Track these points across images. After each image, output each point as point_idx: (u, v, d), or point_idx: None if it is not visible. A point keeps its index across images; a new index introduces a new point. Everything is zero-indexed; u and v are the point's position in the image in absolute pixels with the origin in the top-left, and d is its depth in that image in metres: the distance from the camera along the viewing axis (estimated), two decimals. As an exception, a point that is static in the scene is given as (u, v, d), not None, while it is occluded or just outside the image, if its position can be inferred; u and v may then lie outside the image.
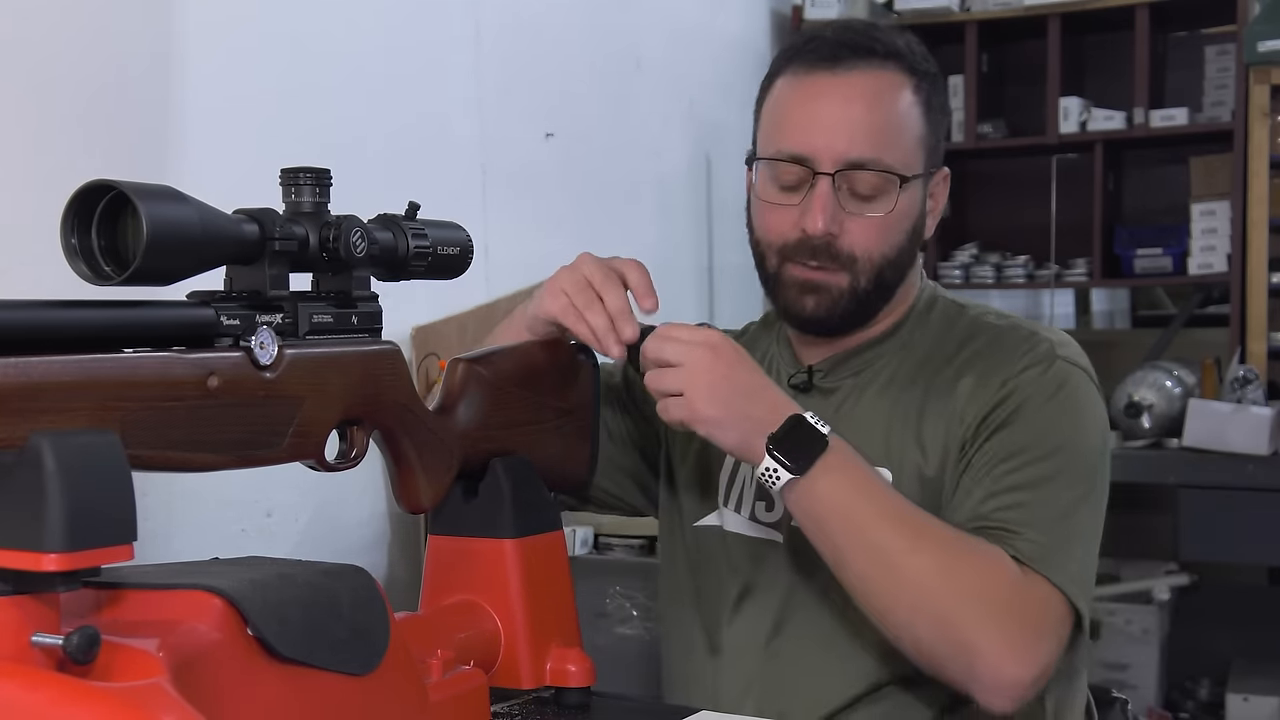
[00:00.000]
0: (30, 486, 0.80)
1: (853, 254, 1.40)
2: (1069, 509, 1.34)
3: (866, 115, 1.38)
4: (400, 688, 1.05)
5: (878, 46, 1.41)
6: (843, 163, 1.37)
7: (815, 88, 1.40)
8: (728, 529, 1.51)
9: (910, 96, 1.41)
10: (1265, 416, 3.61)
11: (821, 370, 1.49)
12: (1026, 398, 1.37)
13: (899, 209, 1.40)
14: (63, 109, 2.06)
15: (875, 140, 1.38)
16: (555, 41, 3.35)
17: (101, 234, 0.94)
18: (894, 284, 1.45)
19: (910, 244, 1.44)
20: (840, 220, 1.39)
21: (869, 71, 1.39)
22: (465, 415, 1.24)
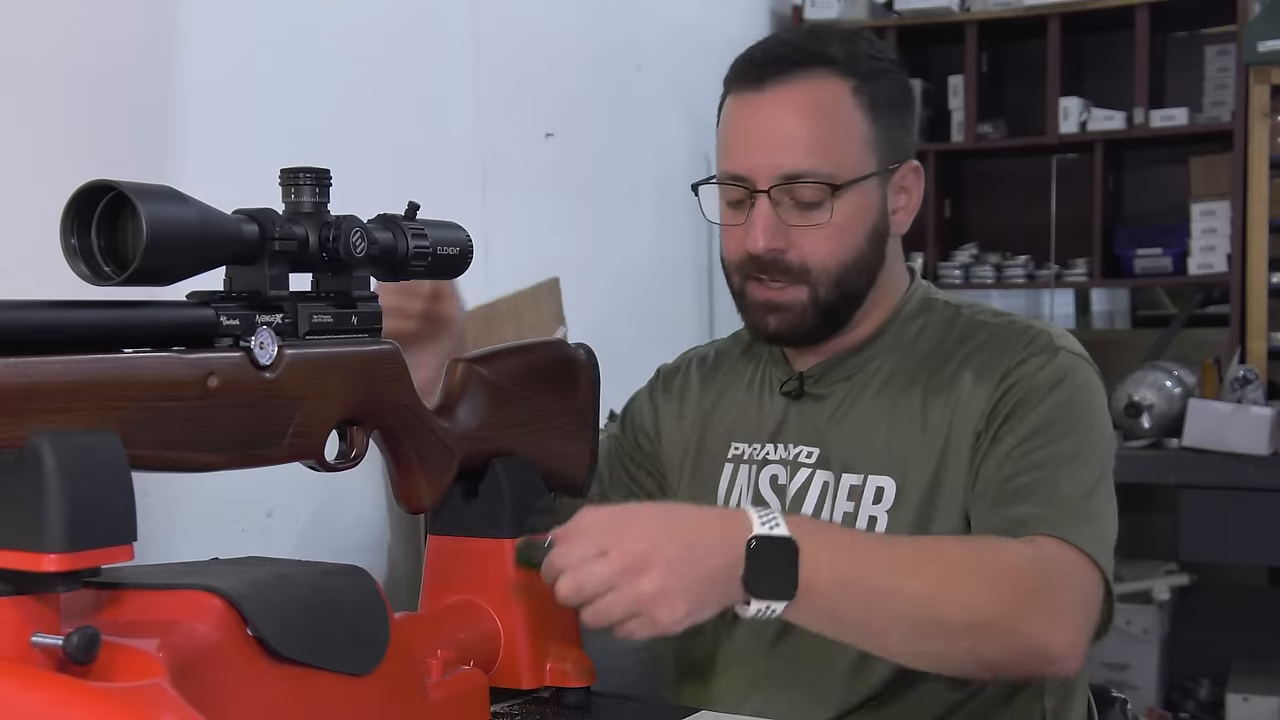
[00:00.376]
0: (30, 487, 0.80)
1: (805, 265, 1.39)
2: (1091, 487, 1.33)
3: (799, 127, 1.38)
4: (400, 688, 1.05)
5: (806, 56, 1.40)
6: (777, 178, 1.37)
7: (747, 106, 1.40)
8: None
9: (849, 99, 1.39)
10: (1265, 416, 3.61)
11: (813, 376, 1.49)
12: (1034, 386, 1.37)
13: (842, 215, 1.38)
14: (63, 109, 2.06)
15: (809, 150, 1.37)
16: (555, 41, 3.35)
17: (101, 234, 0.94)
18: (861, 289, 1.43)
19: (871, 246, 1.42)
20: (786, 234, 1.38)
21: (798, 82, 1.39)
22: (465, 415, 1.24)
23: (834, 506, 1.42)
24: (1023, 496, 1.31)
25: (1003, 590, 1.21)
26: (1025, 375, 1.38)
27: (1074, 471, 1.33)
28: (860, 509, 1.40)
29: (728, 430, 1.54)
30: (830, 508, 1.42)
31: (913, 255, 4.52)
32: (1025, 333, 1.42)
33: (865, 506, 1.40)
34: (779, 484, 1.47)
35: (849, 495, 1.42)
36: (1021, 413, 1.36)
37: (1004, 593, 1.21)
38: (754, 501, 1.48)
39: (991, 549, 1.26)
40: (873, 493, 1.41)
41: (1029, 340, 1.41)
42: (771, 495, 1.47)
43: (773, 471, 1.48)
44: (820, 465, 1.45)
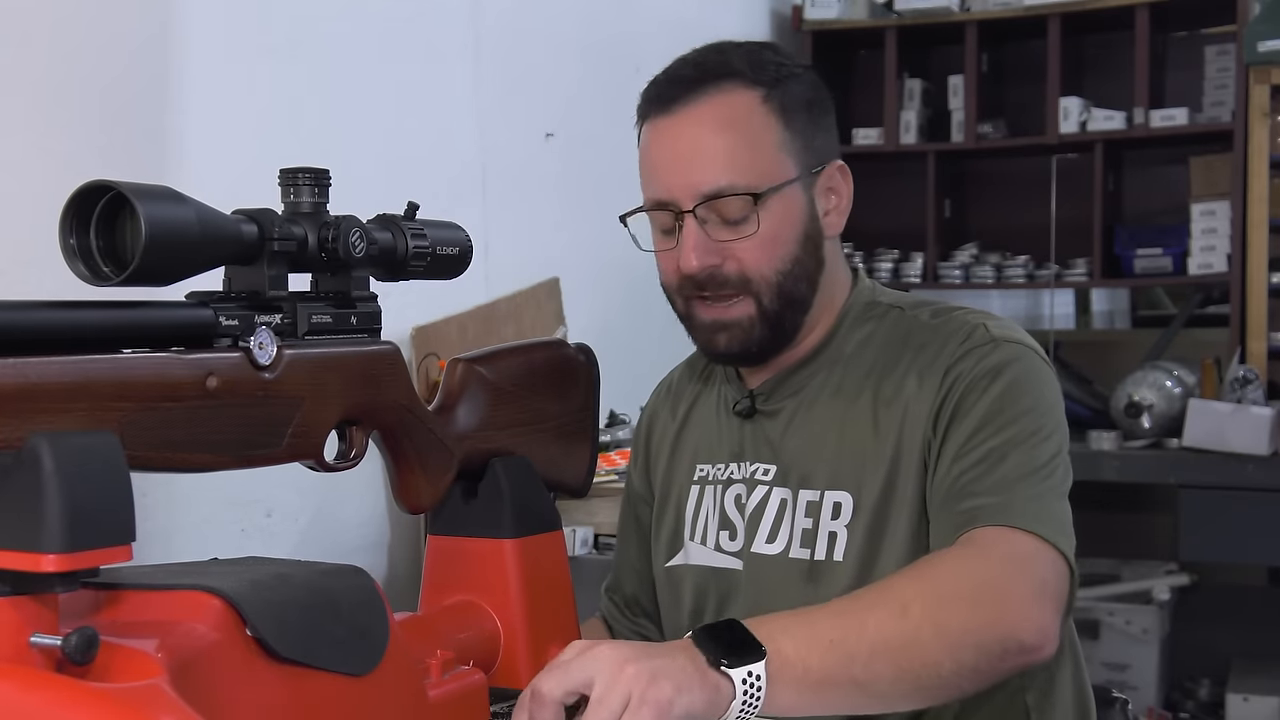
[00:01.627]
0: (29, 487, 0.80)
1: (745, 276, 1.39)
2: (1037, 467, 1.31)
3: (713, 143, 1.37)
4: (400, 688, 1.05)
5: (708, 73, 1.40)
6: (699, 196, 1.37)
7: (661, 131, 1.41)
8: (692, 563, 1.51)
9: (759, 107, 1.38)
10: (1265, 416, 3.61)
11: (763, 394, 1.48)
12: (973, 381, 1.35)
13: (773, 220, 1.38)
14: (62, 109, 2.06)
15: (726, 165, 1.37)
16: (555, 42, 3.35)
17: (100, 234, 0.94)
18: (804, 295, 1.42)
19: (806, 251, 1.41)
20: (717, 250, 1.38)
21: (706, 99, 1.38)
22: (465, 415, 1.24)
23: (793, 522, 1.42)
24: (970, 492, 1.30)
25: (958, 600, 1.19)
26: (964, 372, 1.37)
27: (1021, 455, 1.31)
28: (820, 525, 1.40)
29: (693, 454, 1.55)
30: (790, 524, 1.43)
31: (912, 255, 4.53)
32: (963, 329, 1.41)
33: (824, 523, 1.40)
34: (741, 503, 1.47)
35: (807, 511, 1.42)
36: (964, 410, 1.35)
37: (960, 602, 1.18)
38: (720, 523, 1.48)
39: (931, 565, 1.24)
40: (830, 508, 1.40)
41: (966, 335, 1.40)
42: (736, 515, 1.48)
43: (736, 491, 1.48)
44: (778, 482, 1.45)
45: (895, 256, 4.55)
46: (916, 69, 4.62)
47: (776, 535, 1.43)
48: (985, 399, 1.34)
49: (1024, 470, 1.30)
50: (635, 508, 1.64)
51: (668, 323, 1.54)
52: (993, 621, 1.18)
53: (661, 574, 1.56)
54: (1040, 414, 1.35)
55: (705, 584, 1.49)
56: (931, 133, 4.56)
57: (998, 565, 1.23)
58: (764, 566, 1.44)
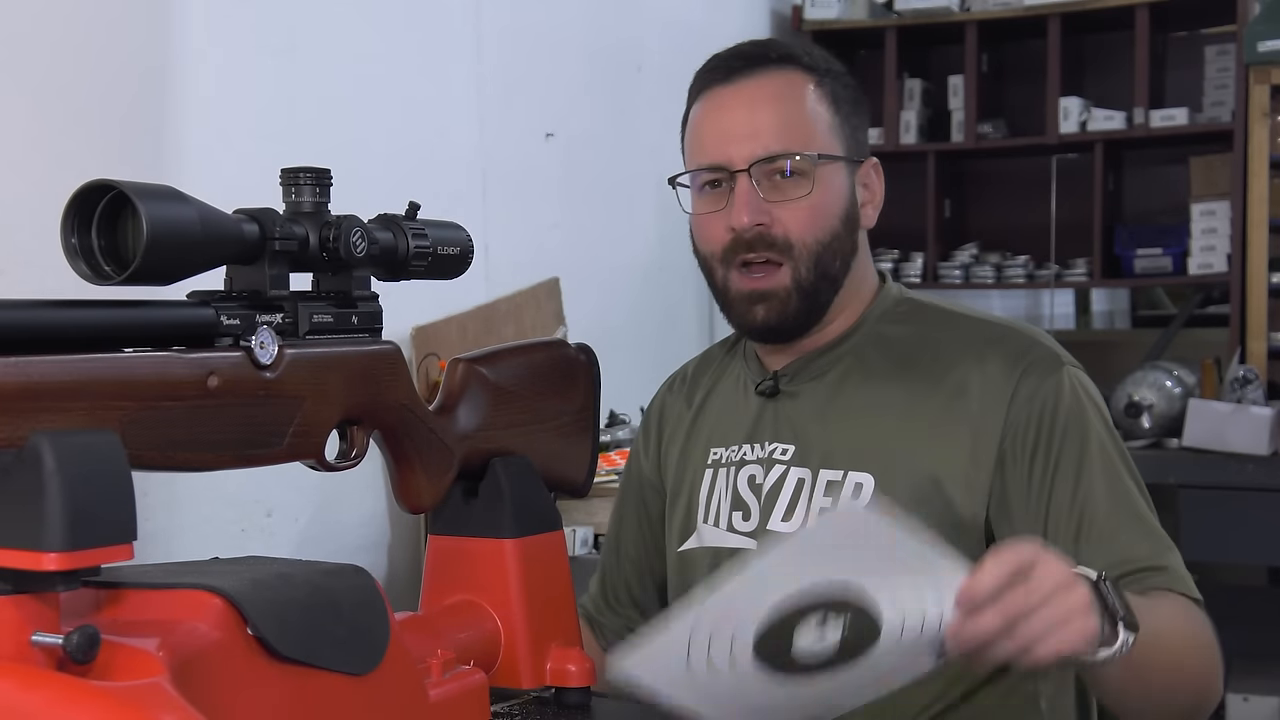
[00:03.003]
0: (30, 486, 0.80)
1: (788, 240, 1.43)
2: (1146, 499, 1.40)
3: (770, 113, 1.44)
4: (400, 688, 1.05)
5: (771, 53, 1.48)
6: (754, 158, 1.42)
7: (719, 101, 1.47)
8: (706, 544, 1.52)
9: (813, 91, 1.46)
10: (1265, 416, 3.61)
11: (786, 375, 1.50)
12: (1065, 424, 1.39)
13: (821, 190, 1.43)
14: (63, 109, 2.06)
15: (783, 134, 1.43)
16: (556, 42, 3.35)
17: (101, 234, 0.94)
18: (838, 275, 1.46)
19: (846, 232, 1.46)
20: (767, 210, 1.42)
21: (766, 76, 1.46)
22: (465, 415, 1.24)
23: (811, 502, 1.43)
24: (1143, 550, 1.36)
25: (1209, 655, 1.34)
26: (1045, 406, 1.39)
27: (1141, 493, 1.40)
28: (839, 505, 1.41)
29: (707, 440, 1.56)
30: (806, 504, 1.44)
31: (912, 255, 4.53)
32: (1025, 348, 1.43)
33: (844, 503, 1.41)
34: (756, 483, 1.48)
35: (826, 490, 1.43)
36: (1072, 454, 1.38)
37: (1210, 657, 1.34)
38: (733, 504, 1.49)
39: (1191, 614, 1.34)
40: (851, 488, 1.42)
41: (1031, 360, 1.42)
42: (750, 495, 1.48)
43: (750, 471, 1.49)
44: (796, 462, 1.46)
45: (895, 256, 4.55)
46: (916, 69, 4.62)
47: (793, 514, 1.44)
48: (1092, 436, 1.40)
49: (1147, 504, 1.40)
50: (643, 493, 1.64)
51: (667, 323, 1.54)
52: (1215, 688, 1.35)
53: (674, 559, 1.56)
54: (1117, 443, 1.44)
55: (717, 565, 1.49)
56: (931, 133, 4.56)
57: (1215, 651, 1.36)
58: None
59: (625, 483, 1.68)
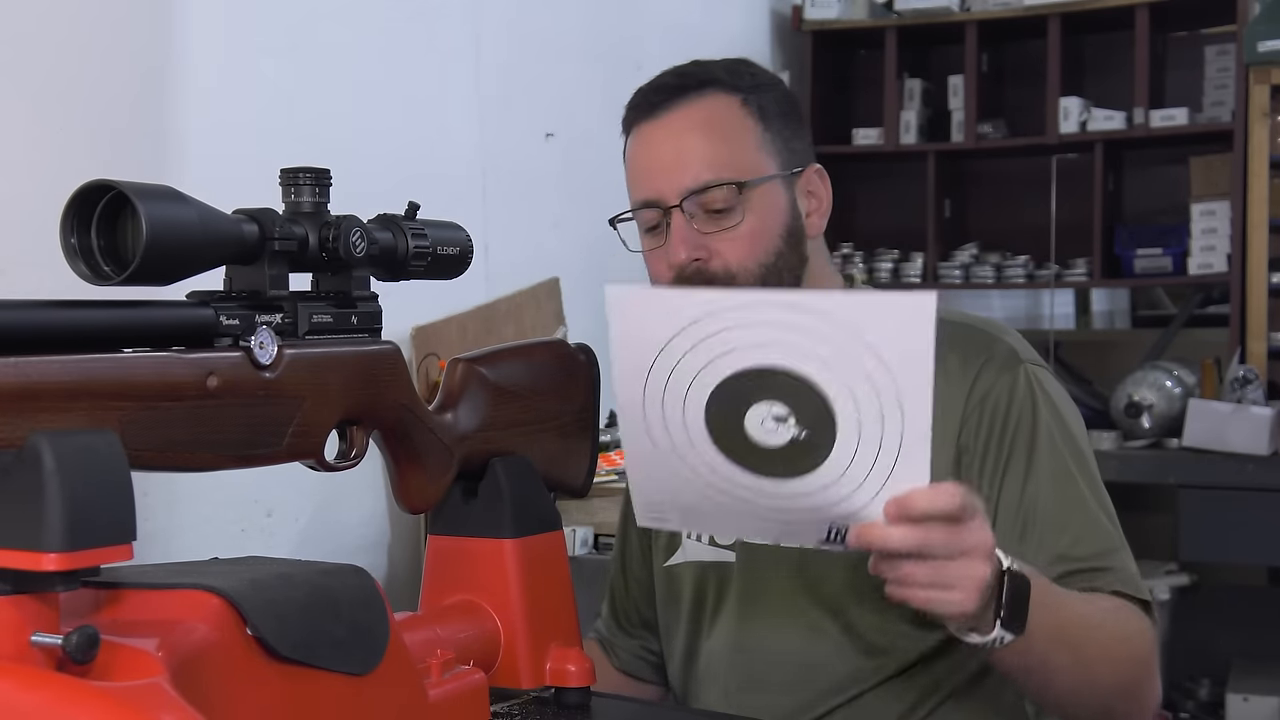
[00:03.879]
0: (29, 486, 0.80)
1: (729, 271, 1.41)
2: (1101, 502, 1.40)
3: (695, 142, 1.42)
4: (400, 688, 1.05)
5: (690, 81, 1.45)
6: (683, 192, 1.41)
7: (644, 136, 1.46)
8: (689, 559, 1.53)
9: (738, 110, 1.44)
10: (1265, 416, 3.61)
11: None
12: (1018, 411, 1.39)
13: (757, 214, 1.42)
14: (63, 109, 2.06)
15: (710, 162, 1.41)
16: (555, 42, 3.35)
17: (101, 234, 0.94)
18: None
19: (789, 248, 1.44)
20: (703, 244, 1.41)
21: (688, 105, 1.44)
22: (465, 415, 1.24)
23: None
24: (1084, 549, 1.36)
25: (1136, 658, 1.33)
26: (999, 403, 1.40)
27: (1095, 498, 1.39)
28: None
29: None
30: None
31: (912, 255, 4.53)
32: (983, 339, 1.44)
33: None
34: None
35: None
36: (1022, 451, 1.38)
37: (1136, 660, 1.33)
38: None
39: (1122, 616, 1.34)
40: None
41: (988, 356, 1.42)
42: None
43: None
44: None
45: (895, 256, 4.55)
46: (916, 69, 4.62)
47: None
48: (1040, 432, 1.39)
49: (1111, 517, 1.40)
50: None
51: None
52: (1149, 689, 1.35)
53: (661, 574, 1.57)
54: (1082, 437, 1.43)
55: (702, 578, 1.51)
56: (931, 133, 4.56)
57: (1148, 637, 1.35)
58: (756, 556, 1.45)
59: (626, 502, 1.68)
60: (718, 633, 1.49)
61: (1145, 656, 1.34)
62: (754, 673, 1.46)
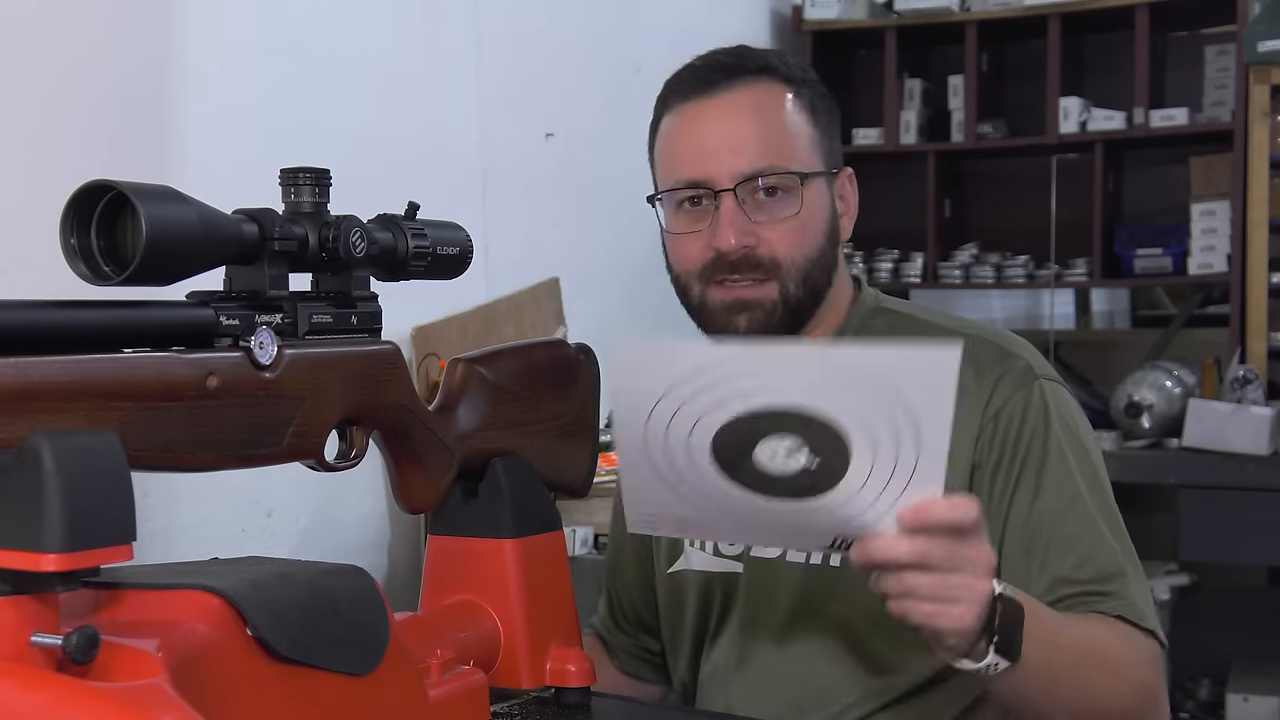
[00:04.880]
0: (29, 487, 0.80)
1: (775, 260, 1.39)
2: (1113, 524, 1.37)
3: (752, 127, 1.39)
4: (400, 688, 1.05)
5: (749, 64, 1.43)
6: (739, 176, 1.38)
7: (697, 114, 1.42)
8: (694, 568, 1.51)
9: (792, 102, 1.42)
10: (1265, 416, 3.61)
11: None
12: (1032, 428, 1.37)
13: (807, 209, 1.40)
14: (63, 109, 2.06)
15: (766, 148, 1.39)
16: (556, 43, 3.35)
17: (101, 234, 0.94)
18: (823, 288, 1.43)
19: (829, 245, 1.43)
20: (753, 231, 1.39)
21: (744, 87, 1.41)
22: (465, 415, 1.24)
23: None
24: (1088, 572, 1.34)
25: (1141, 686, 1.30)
26: (1013, 419, 1.37)
27: (1103, 522, 1.36)
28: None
29: None
30: None
31: (912, 255, 4.53)
32: (999, 359, 1.41)
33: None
34: None
35: None
36: (1032, 469, 1.36)
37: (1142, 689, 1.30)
38: None
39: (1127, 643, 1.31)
40: None
41: (1004, 371, 1.40)
42: None
43: None
44: None
45: (895, 256, 4.55)
46: (916, 69, 4.62)
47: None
48: (1052, 450, 1.37)
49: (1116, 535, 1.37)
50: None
51: (667, 323, 1.53)
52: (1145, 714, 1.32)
53: (663, 580, 1.55)
54: (1095, 455, 1.41)
55: (707, 588, 1.49)
56: (931, 133, 4.56)
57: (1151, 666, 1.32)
58: (764, 569, 1.44)
59: (618, 502, 1.67)
60: (722, 646, 1.48)
61: (1150, 684, 1.31)
62: (759, 688, 1.44)
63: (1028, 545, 1.35)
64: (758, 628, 1.45)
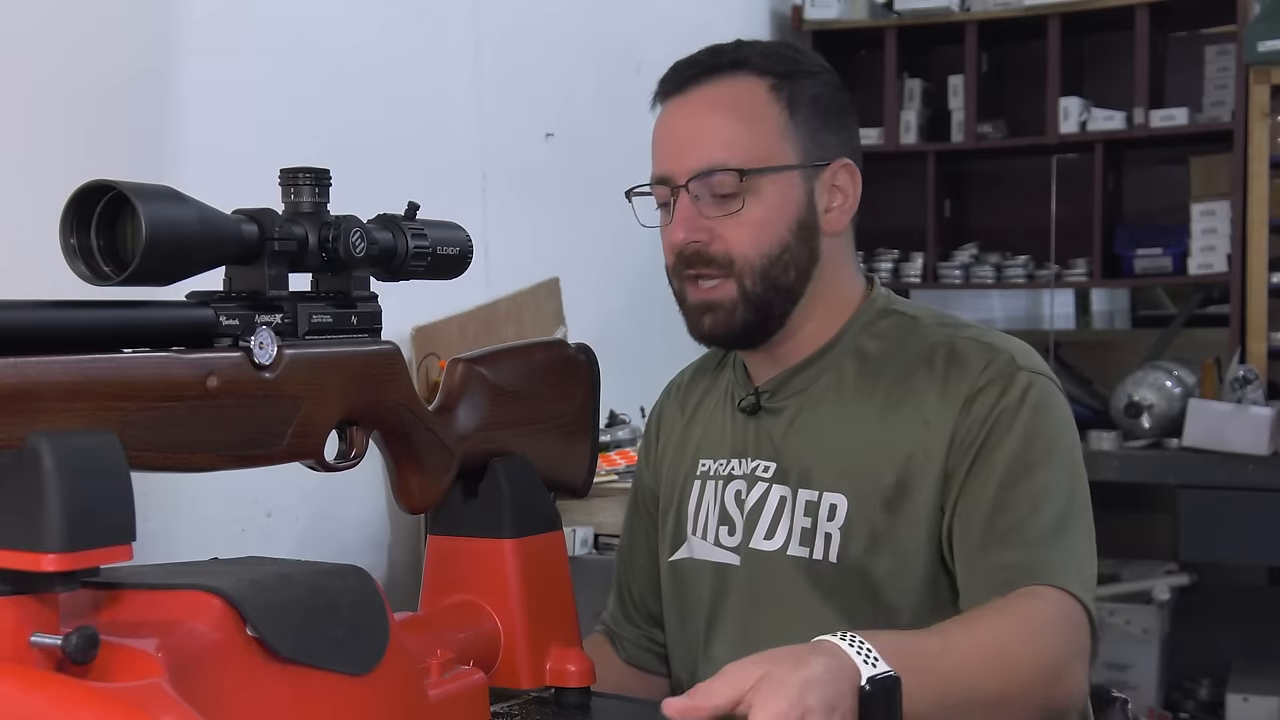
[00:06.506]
0: (29, 487, 0.80)
1: (729, 256, 1.40)
2: (1064, 516, 1.35)
3: (713, 124, 1.41)
4: (399, 688, 1.05)
5: (723, 60, 1.44)
6: (690, 173, 1.40)
7: (668, 113, 1.46)
8: (696, 557, 1.51)
9: (764, 95, 1.42)
10: (1265, 416, 3.61)
11: (768, 391, 1.49)
12: (999, 416, 1.37)
13: (761, 206, 1.40)
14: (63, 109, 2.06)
15: (724, 145, 1.40)
16: (555, 42, 3.35)
17: (101, 234, 0.94)
18: (791, 284, 1.43)
19: (799, 241, 1.43)
20: (706, 227, 1.40)
21: (716, 84, 1.43)
22: (465, 415, 1.24)
23: (792, 521, 1.42)
24: (1006, 543, 1.33)
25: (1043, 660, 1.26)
26: (987, 403, 1.38)
27: (1050, 504, 1.35)
28: (817, 525, 1.41)
29: (696, 449, 1.56)
30: (789, 522, 1.43)
31: (912, 255, 4.53)
32: (985, 352, 1.42)
33: (822, 523, 1.41)
34: (740, 499, 1.47)
35: (806, 511, 1.42)
36: (991, 447, 1.36)
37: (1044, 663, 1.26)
38: (720, 519, 1.49)
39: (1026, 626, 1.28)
40: (827, 509, 1.41)
41: (988, 362, 1.40)
42: (735, 511, 1.47)
43: (736, 487, 1.48)
44: (777, 479, 1.45)
45: (895, 256, 4.54)
46: (916, 69, 4.62)
47: (775, 532, 1.44)
48: (1011, 438, 1.36)
49: (1052, 518, 1.34)
50: (647, 504, 1.63)
51: (668, 323, 1.54)
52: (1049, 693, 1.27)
53: (666, 568, 1.56)
54: (1062, 452, 1.39)
55: (707, 578, 1.50)
56: (931, 133, 4.56)
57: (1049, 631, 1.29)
58: (761, 562, 1.44)
59: (633, 495, 1.67)
60: (722, 638, 1.48)
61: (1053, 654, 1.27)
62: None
63: (968, 518, 1.35)
64: (755, 621, 1.45)
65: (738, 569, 1.47)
